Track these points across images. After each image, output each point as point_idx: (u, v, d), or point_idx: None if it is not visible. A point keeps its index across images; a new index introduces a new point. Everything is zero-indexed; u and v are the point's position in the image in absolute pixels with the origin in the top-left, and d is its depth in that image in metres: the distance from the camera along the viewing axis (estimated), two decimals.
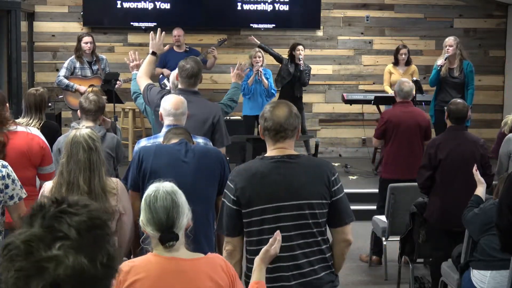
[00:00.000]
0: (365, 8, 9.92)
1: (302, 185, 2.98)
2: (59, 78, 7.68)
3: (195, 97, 4.68)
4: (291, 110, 3.06)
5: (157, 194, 2.50)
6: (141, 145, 4.12)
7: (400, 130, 6.04)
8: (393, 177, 6.06)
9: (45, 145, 4.26)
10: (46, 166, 4.24)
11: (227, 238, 3.05)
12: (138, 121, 9.36)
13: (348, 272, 5.89)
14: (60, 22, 9.55)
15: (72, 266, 1.20)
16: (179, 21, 9.21)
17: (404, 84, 6.22)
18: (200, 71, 4.74)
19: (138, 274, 2.43)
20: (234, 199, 2.98)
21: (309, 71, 8.60)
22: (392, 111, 6.28)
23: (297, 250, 2.97)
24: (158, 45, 5.01)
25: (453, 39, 7.78)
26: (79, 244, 1.22)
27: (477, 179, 4.61)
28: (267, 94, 8.39)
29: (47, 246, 1.21)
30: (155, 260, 2.46)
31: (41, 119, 5.31)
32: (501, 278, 4.12)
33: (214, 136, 4.61)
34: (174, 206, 2.48)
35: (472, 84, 7.76)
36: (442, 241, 5.01)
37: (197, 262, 2.49)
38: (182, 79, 4.70)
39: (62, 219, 1.25)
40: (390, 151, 6.13)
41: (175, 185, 2.58)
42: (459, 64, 7.71)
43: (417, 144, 6.06)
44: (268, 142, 3.09)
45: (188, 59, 4.78)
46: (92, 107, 4.41)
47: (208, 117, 4.61)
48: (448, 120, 5.20)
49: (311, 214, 2.98)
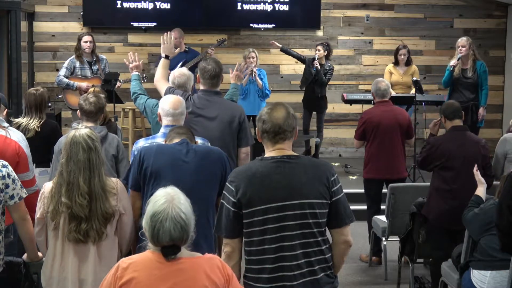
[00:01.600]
0: (365, 8, 9.92)
1: (303, 185, 2.98)
2: (59, 78, 7.69)
3: (218, 98, 4.74)
4: (288, 111, 3.07)
5: (165, 215, 2.40)
6: (139, 145, 4.12)
7: (380, 129, 6.04)
8: (374, 177, 6.08)
9: (21, 151, 4.09)
10: (20, 174, 3.90)
11: (225, 239, 3.04)
12: (138, 121, 9.36)
13: (348, 272, 5.89)
14: (60, 22, 9.56)
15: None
16: (179, 21, 9.21)
17: (380, 83, 6.23)
18: (221, 71, 4.78)
19: (136, 272, 2.43)
20: (234, 200, 2.98)
21: (331, 70, 8.65)
22: (371, 111, 6.27)
23: (298, 250, 2.97)
24: (170, 48, 5.11)
25: (465, 39, 7.74)
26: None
27: (477, 179, 4.61)
28: (261, 94, 8.42)
29: None
30: (154, 258, 2.45)
31: (42, 118, 5.32)
32: (501, 278, 4.11)
33: (240, 136, 4.66)
34: (182, 226, 2.42)
35: (486, 84, 7.71)
36: (442, 241, 5.01)
37: (196, 261, 2.49)
38: (204, 80, 4.74)
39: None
40: (371, 151, 6.13)
41: (179, 191, 2.51)
42: (472, 65, 7.66)
43: (397, 143, 6.07)
44: (267, 144, 3.09)
45: (209, 60, 4.82)
46: (92, 108, 4.41)
47: (234, 117, 4.65)
48: (447, 121, 5.17)
49: (312, 214, 2.98)
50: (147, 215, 2.45)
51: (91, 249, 3.35)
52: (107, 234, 3.38)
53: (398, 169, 6.09)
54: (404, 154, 6.18)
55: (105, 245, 3.39)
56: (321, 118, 8.88)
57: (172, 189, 2.51)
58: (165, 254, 2.43)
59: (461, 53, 7.64)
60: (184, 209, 2.44)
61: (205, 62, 4.77)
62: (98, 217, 3.33)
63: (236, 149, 4.65)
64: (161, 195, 2.48)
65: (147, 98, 4.94)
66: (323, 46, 8.60)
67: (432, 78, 9.91)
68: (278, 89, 9.71)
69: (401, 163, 6.11)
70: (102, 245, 3.38)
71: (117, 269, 2.46)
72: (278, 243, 2.96)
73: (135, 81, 5.06)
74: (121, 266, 2.46)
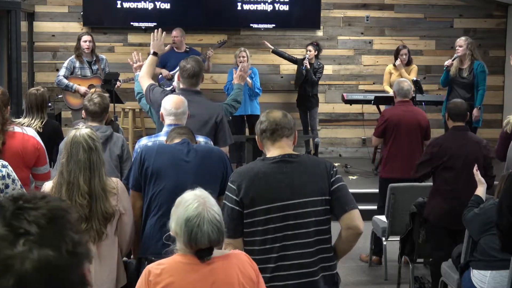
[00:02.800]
0: (365, 8, 9.92)
1: (304, 184, 3.00)
2: (59, 78, 7.68)
3: (198, 97, 4.70)
4: (285, 113, 3.15)
5: (202, 218, 2.37)
6: (141, 143, 4.14)
7: (401, 129, 6.04)
8: (392, 176, 6.06)
9: (40, 146, 4.24)
10: (40, 167, 4.23)
11: (228, 239, 3.03)
12: (138, 121, 9.36)
13: (348, 272, 5.89)
14: (60, 22, 9.55)
15: (38, 259, 1.21)
16: (179, 21, 9.21)
17: (402, 83, 6.23)
18: (201, 70, 4.75)
19: (172, 276, 2.39)
20: (237, 200, 2.99)
21: (320, 68, 8.79)
22: (393, 110, 6.27)
23: (301, 249, 2.98)
24: (159, 45, 5.03)
25: (463, 39, 7.74)
26: (42, 237, 1.23)
27: (477, 179, 4.61)
28: (251, 93, 8.44)
29: (10, 244, 1.22)
30: (186, 261, 2.42)
31: (43, 118, 5.32)
32: (501, 278, 4.12)
33: (218, 135, 4.64)
34: (219, 228, 2.40)
35: (483, 85, 7.67)
36: (442, 241, 5.01)
37: (227, 259, 2.47)
38: (183, 79, 4.73)
39: (20, 216, 1.26)
40: (390, 150, 6.13)
41: (207, 192, 2.48)
42: (469, 65, 7.67)
43: (416, 143, 6.06)
44: (267, 144, 3.10)
45: (189, 59, 4.79)
46: (97, 109, 4.42)
47: (211, 117, 4.63)
48: (450, 120, 5.19)
49: (315, 212, 2.99)
50: (179, 220, 2.39)
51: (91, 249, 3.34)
52: (107, 234, 3.38)
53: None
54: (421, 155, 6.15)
55: (105, 245, 3.39)
56: (313, 116, 8.94)
57: (201, 191, 2.47)
58: (201, 256, 2.40)
59: (457, 53, 7.67)
60: (217, 210, 2.43)
61: (185, 61, 4.75)
62: (98, 217, 3.34)
63: None
64: (191, 199, 2.43)
65: None
66: (313, 46, 8.80)
67: (432, 78, 9.90)
68: (278, 89, 9.72)
69: None
70: (102, 245, 3.38)
71: (149, 275, 2.42)
72: (281, 243, 2.97)
73: (138, 82, 5.05)
74: (153, 272, 2.41)
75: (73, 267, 1.27)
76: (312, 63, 8.76)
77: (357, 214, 3.06)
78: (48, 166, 4.34)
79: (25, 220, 1.25)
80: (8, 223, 1.25)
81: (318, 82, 8.89)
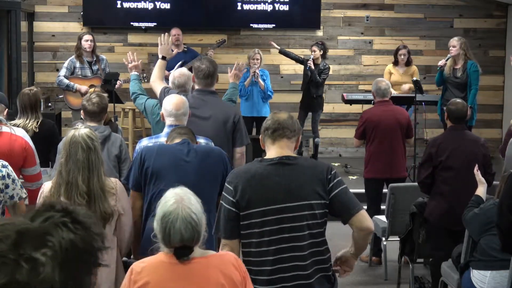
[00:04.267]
0: (365, 8, 9.92)
1: (301, 186, 2.99)
2: (59, 78, 7.68)
3: (213, 97, 4.72)
4: (291, 116, 3.15)
5: (175, 215, 2.38)
6: (142, 144, 4.14)
7: (380, 129, 6.04)
8: (375, 176, 6.08)
9: (28, 146, 4.18)
10: (28, 168, 4.17)
11: (224, 240, 3.04)
12: (138, 121, 9.36)
13: None
14: (60, 22, 9.56)
15: (43, 277, 1.17)
16: (179, 21, 9.21)
17: (380, 83, 6.24)
18: (216, 70, 4.76)
19: (150, 275, 2.41)
20: (233, 201, 2.98)
21: (326, 69, 8.65)
22: (372, 110, 6.28)
23: (297, 252, 2.97)
24: (167, 50, 5.09)
25: (456, 39, 7.80)
26: (61, 260, 1.20)
27: (478, 179, 4.60)
28: (263, 96, 8.39)
29: (35, 247, 1.19)
30: (167, 260, 2.43)
31: (38, 118, 5.29)
32: (501, 278, 4.11)
33: (235, 135, 4.64)
34: (193, 226, 2.39)
35: (475, 85, 7.71)
36: (442, 241, 5.01)
37: (209, 259, 2.47)
38: (198, 80, 4.73)
39: (59, 230, 1.23)
40: (371, 150, 6.14)
41: (189, 191, 2.48)
42: (462, 64, 7.73)
43: (398, 142, 6.07)
44: (267, 143, 3.09)
45: (203, 59, 4.81)
46: (95, 109, 4.42)
47: (229, 117, 4.63)
48: (448, 120, 5.20)
49: (311, 215, 2.98)
50: (157, 217, 2.43)
51: None
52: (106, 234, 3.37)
53: (398, 168, 6.09)
54: (404, 154, 6.18)
55: None
56: (316, 119, 8.83)
57: (181, 190, 2.48)
58: (178, 255, 2.41)
59: (450, 53, 7.74)
60: (194, 209, 2.42)
61: (199, 61, 4.77)
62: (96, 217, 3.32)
63: (231, 149, 4.65)
64: (170, 196, 2.45)
65: (147, 98, 4.94)
66: (318, 46, 8.63)
67: (432, 78, 9.86)
68: (278, 89, 9.70)
69: (401, 162, 6.12)
70: None
71: (131, 273, 2.45)
72: (277, 245, 2.96)
73: (134, 81, 5.07)
74: (135, 270, 2.44)
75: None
76: (317, 64, 8.58)
77: (365, 214, 3.06)
78: (38, 167, 4.28)
79: (60, 237, 1.21)
80: (47, 228, 1.21)
81: (323, 83, 8.74)
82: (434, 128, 8.98)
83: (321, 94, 8.81)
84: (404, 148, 6.18)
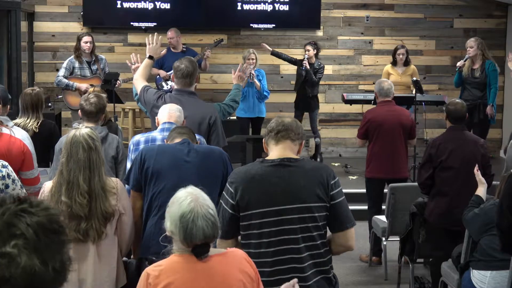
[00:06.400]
0: (365, 8, 9.92)
1: (301, 189, 2.98)
2: (59, 78, 7.68)
3: (191, 98, 4.69)
4: (297, 121, 3.17)
5: (196, 213, 2.36)
6: (135, 139, 4.16)
7: (383, 129, 6.04)
8: (376, 177, 6.08)
9: (27, 149, 4.13)
10: (26, 171, 4.09)
11: (220, 240, 3.03)
12: (138, 121, 9.36)
13: (348, 272, 5.89)
14: (60, 22, 9.56)
15: (23, 266, 1.19)
16: (179, 21, 9.22)
17: (383, 83, 6.24)
18: (195, 70, 4.74)
19: (170, 277, 2.38)
20: (232, 202, 2.98)
21: (321, 68, 8.65)
22: (375, 110, 6.27)
23: (296, 254, 2.97)
24: (155, 49, 5.04)
25: (473, 40, 7.91)
26: (34, 245, 1.22)
27: (478, 179, 4.60)
28: (259, 96, 8.37)
29: (2, 242, 1.20)
30: (183, 260, 2.41)
31: (39, 118, 5.29)
32: (501, 278, 4.11)
33: (210, 137, 4.60)
34: (213, 223, 2.38)
35: (495, 83, 7.87)
36: (442, 241, 5.01)
37: (224, 256, 2.47)
38: (177, 80, 4.73)
39: (21, 218, 1.24)
40: (373, 150, 6.13)
41: (198, 189, 2.47)
42: (481, 64, 7.84)
43: (400, 143, 6.07)
44: (270, 144, 3.09)
45: (183, 59, 4.79)
46: (93, 109, 4.41)
47: (204, 118, 4.60)
48: (447, 121, 5.19)
49: (311, 218, 2.98)
50: (174, 217, 2.38)
51: (90, 249, 3.35)
52: (107, 233, 3.38)
53: (400, 169, 6.08)
54: (406, 154, 6.18)
55: (104, 244, 3.38)
56: (314, 118, 8.82)
57: (192, 189, 2.46)
58: (197, 254, 2.39)
59: (468, 53, 7.83)
60: (210, 205, 2.42)
61: (179, 61, 4.75)
62: (97, 217, 3.33)
63: None
64: (184, 196, 2.42)
65: None
66: (311, 45, 8.62)
67: (432, 78, 9.91)
68: (278, 89, 9.71)
69: (403, 163, 6.11)
70: (102, 244, 3.38)
71: (148, 278, 2.40)
72: (276, 247, 2.96)
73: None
74: (152, 275, 2.40)
75: (52, 284, 1.25)
76: (312, 63, 8.61)
77: (353, 234, 3.08)
78: (36, 171, 4.23)
79: (25, 223, 1.23)
80: (7, 221, 1.23)
81: (318, 83, 8.76)
82: (435, 128, 8.99)
83: (317, 94, 8.80)
84: (406, 149, 6.18)
